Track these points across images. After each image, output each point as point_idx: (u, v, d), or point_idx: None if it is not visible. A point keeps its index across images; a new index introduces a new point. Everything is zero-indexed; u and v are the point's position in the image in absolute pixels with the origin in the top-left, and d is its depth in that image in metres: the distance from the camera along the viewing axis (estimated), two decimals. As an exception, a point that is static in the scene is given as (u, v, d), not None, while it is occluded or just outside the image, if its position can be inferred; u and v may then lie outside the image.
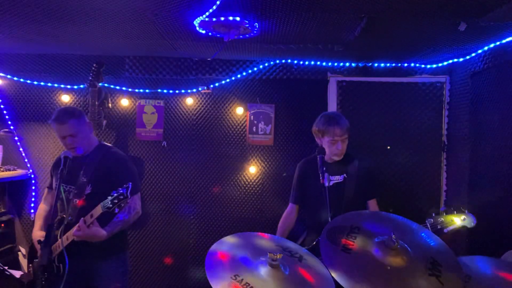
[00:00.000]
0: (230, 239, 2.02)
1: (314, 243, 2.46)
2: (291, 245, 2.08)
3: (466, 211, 2.30)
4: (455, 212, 2.33)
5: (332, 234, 1.92)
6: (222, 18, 2.39)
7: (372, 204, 2.76)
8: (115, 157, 2.60)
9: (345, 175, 2.70)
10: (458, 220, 2.29)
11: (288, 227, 2.86)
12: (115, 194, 2.18)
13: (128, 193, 2.18)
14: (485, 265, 2.00)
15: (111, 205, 2.17)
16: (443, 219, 2.31)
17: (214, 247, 1.93)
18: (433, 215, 2.35)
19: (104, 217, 2.29)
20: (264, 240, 2.10)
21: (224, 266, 1.80)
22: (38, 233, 2.59)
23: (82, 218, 2.26)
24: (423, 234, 1.95)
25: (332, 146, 2.64)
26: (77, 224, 2.29)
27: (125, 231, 2.68)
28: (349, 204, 2.58)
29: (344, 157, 2.72)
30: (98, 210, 2.22)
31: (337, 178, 2.69)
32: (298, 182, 2.87)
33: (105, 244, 2.38)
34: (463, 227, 2.31)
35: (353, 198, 2.65)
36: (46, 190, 2.84)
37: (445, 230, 2.29)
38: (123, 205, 2.19)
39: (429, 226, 2.32)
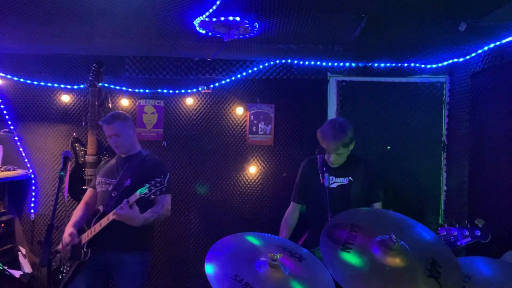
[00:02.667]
0: (230, 239, 2.02)
1: (315, 249, 2.45)
2: (291, 245, 2.08)
3: (480, 225, 2.23)
4: (469, 225, 2.27)
5: (332, 233, 1.92)
6: (222, 18, 2.38)
7: (378, 207, 2.72)
8: (154, 160, 2.86)
9: (350, 177, 2.66)
10: (472, 234, 2.25)
11: (290, 226, 2.84)
12: (152, 182, 2.42)
13: (166, 181, 2.47)
14: (485, 266, 2.00)
15: (147, 191, 2.39)
16: (456, 232, 2.25)
17: (214, 247, 1.93)
18: (446, 226, 2.29)
19: (142, 207, 2.51)
20: (264, 240, 2.10)
21: (224, 266, 1.80)
22: (68, 229, 2.66)
23: (125, 199, 2.43)
24: (421, 231, 1.94)
25: (327, 154, 2.64)
26: (120, 205, 2.45)
27: (151, 232, 2.86)
28: (355, 207, 2.54)
29: (349, 159, 2.69)
30: (135, 195, 2.41)
31: (341, 180, 2.67)
32: (300, 181, 2.86)
33: (131, 238, 2.59)
34: (478, 241, 2.24)
35: (359, 201, 2.62)
36: (89, 189, 2.98)
37: (458, 243, 2.24)
38: (158, 192, 2.44)
39: (441, 238, 2.25)
